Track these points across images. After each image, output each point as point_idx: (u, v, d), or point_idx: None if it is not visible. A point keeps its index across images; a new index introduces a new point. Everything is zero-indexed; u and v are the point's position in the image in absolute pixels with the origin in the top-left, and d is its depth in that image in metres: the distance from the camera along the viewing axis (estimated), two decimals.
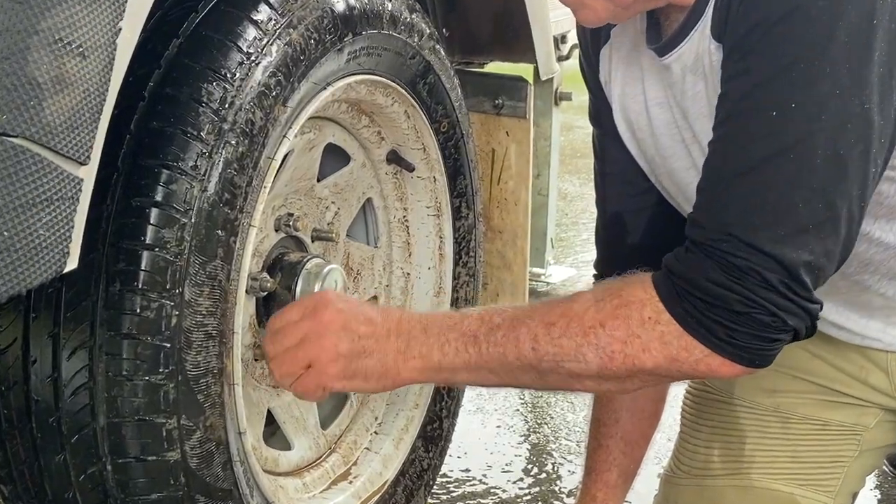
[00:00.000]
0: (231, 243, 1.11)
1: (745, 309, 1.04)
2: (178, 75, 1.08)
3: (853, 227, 1.08)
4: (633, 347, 1.10)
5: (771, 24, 1.04)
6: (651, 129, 1.28)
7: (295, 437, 1.42)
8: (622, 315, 1.11)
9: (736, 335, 1.06)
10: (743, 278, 1.04)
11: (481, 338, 1.16)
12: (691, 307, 1.07)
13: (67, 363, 1.06)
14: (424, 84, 1.44)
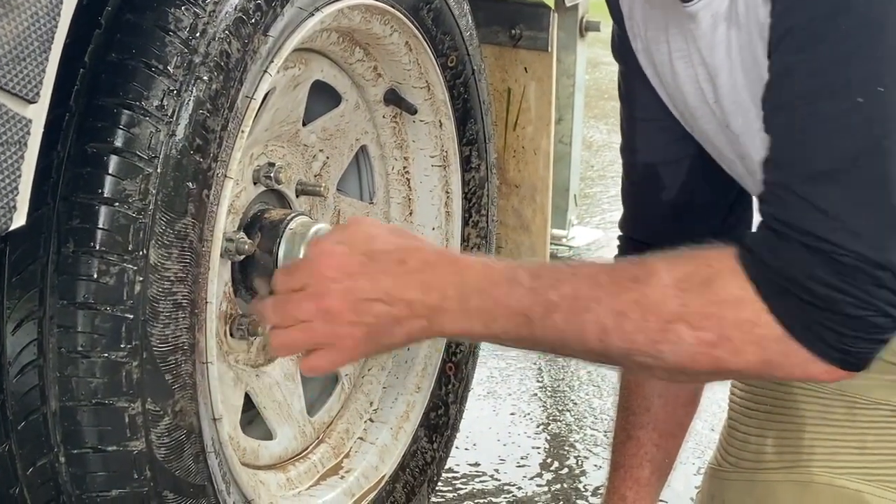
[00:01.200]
0: (203, 198, 1.11)
1: (860, 312, 1.05)
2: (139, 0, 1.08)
3: None
4: (723, 350, 1.11)
5: None
6: (676, 83, 1.28)
7: (278, 425, 1.43)
8: (714, 315, 1.11)
9: (846, 340, 1.07)
10: (854, 277, 1.05)
11: (536, 320, 1.15)
12: (798, 310, 1.08)
13: (13, 337, 1.06)
14: (429, 10, 1.43)
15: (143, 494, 1.10)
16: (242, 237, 1.29)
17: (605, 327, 1.12)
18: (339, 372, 1.53)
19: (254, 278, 1.34)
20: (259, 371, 1.40)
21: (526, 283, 1.17)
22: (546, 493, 1.85)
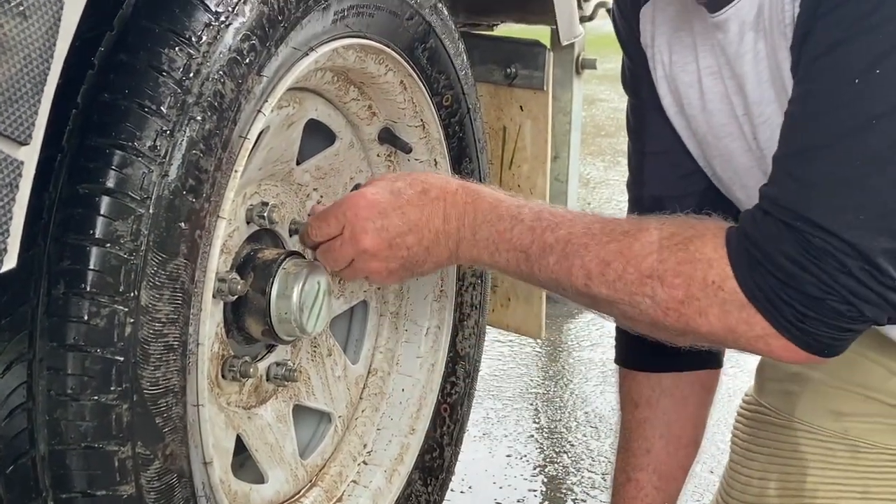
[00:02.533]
0: (196, 238, 1.11)
1: (821, 294, 1.07)
2: (134, 39, 1.08)
3: None
4: (690, 308, 1.14)
5: None
6: (703, 103, 1.30)
7: (269, 468, 1.42)
8: (685, 273, 1.15)
9: (806, 320, 1.09)
10: (821, 260, 1.07)
11: (533, 257, 1.24)
12: (762, 281, 1.10)
13: (2, 380, 1.06)
14: (424, 49, 1.44)
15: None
16: (235, 277, 1.29)
17: (590, 273, 1.19)
18: (333, 414, 1.53)
19: (246, 319, 1.33)
20: (251, 413, 1.40)
21: (528, 221, 1.25)
22: None
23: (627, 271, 1.17)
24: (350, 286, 1.52)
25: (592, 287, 1.19)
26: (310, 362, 1.48)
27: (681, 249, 1.15)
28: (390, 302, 1.60)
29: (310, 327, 1.34)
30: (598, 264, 1.19)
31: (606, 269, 1.18)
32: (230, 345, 1.34)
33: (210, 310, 1.19)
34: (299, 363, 1.45)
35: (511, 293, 1.87)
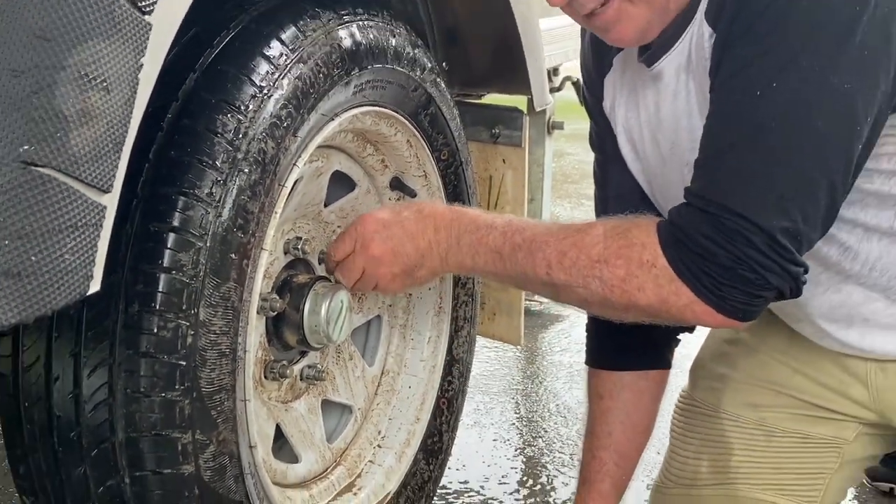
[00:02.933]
0: (244, 266, 1.11)
1: (732, 264, 1.08)
2: (195, 107, 1.08)
3: (836, 197, 1.12)
4: (630, 285, 1.14)
5: (760, 10, 1.07)
6: (651, 146, 1.31)
7: (302, 451, 1.42)
8: (624, 255, 1.15)
9: (721, 287, 1.09)
10: (732, 237, 1.07)
11: (505, 256, 1.23)
12: (685, 256, 1.11)
13: (88, 380, 1.05)
14: (426, 115, 1.44)
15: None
16: (275, 297, 1.29)
17: (550, 263, 1.18)
18: (353, 407, 1.52)
19: (284, 331, 1.33)
20: (287, 406, 1.39)
21: (500, 228, 1.24)
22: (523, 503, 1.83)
23: (580, 258, 1.17)
24: (367, 304, 1.52)
25: (553, 275, 1.19)
26: (335, 365, 1.48)
27: (621, 237, 1.16)
28: (399, 316, 1.59)
29: (335, 337, 1.34)
30: (556, 255, 1.18)
31: (563, 258, 1.18)
32: (271, 351, 1.34)
33: (255, 323, 1.20)
34: (326, 366, 1.45)
35: (496, 309, 1.87)
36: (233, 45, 1.13)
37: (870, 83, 1.07)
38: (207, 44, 1.13)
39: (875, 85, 1.07)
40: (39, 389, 1.08)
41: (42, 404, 1.08)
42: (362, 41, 1.27)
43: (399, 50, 1.35)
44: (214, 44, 1.13)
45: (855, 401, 1.38)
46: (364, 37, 1.27)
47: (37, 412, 1.08)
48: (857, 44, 1.04)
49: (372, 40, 1.29)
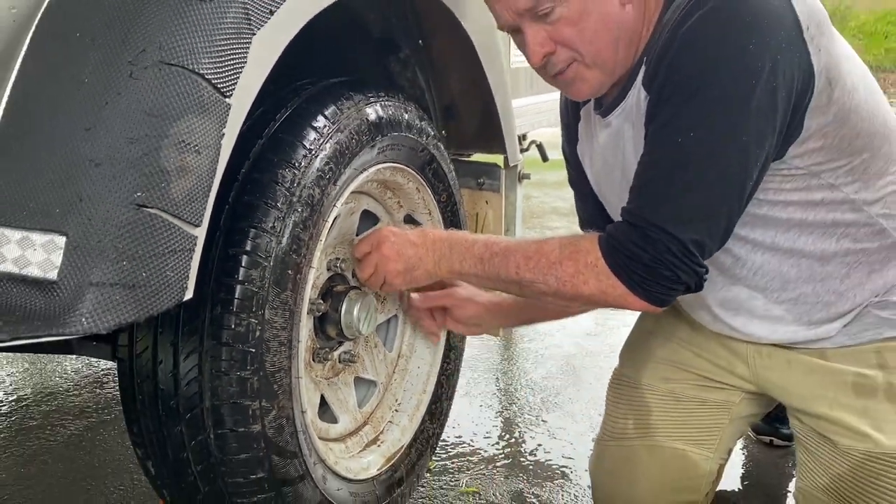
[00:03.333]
0: (297, 279, 1.12)
1: (653, 265, 1.08)
2: (262, 164, 1.09)
3: (732, 219, 1.12)
4: (578, 280, 1.14)
5: (681, 80, 1.07)
6: (603, 177, 1.32)
7: (340, 414, 1.42)
8: (574, 258, 1.14)
9: (645, 283, 1.10)
10: (654, 245, 1.07)
11: (485, 261, 1.23)
12: (619, 259, 1.11)
13: (184, 363, 1.06)
14: (430, 169, 1.45)
15: (259, 457, 1.10)
16: (320, 302, 1.30)
17: (519, 265, 1.18)
18: (377, 381, 1.51)
19: (326, 326, 1.33)
20: (329, 381, 1.39)
21: (482, 241, 1.25)
22: (502, 454, 1.83)
23: (541, 261, 1.17)
24: (387, 306, 1.52)
25: (521, 274, 1.19)
26: (364, 351, 1.48)
27: (572, 246, 1.16)
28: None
29: (364, 331, 1.34)
30: (523, 260, 1.18)
31: (528, 261, 1.18)
32: (317, 341, 1.34)
33: (305, 321, 1.20)
34: (358, 351, 1.45)
35: None
36: (289, 119, 1.14)
37: (761, 137, 1.07)
38: (271, 118, 1.14)
39: (764, 138, 1.07)
40: (148, 370, 1.08)
41: (150, 381, 1.09)
42: (383, 116, 1.28)
43: (410, 122, 1.36)
44: (276, 118, 1.14)
45: (739, 375, 1.38)
46: (385, 112, 1.28)
47: (146, 386, 1.09)
48: (752, 109, 1.04)
49: (390, 115, 1.30)
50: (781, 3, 1.06)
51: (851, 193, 1.17)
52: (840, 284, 1.23)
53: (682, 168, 1.07)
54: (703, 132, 1.05)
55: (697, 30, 1.05)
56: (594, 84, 1.18)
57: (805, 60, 1.06)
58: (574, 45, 1.13)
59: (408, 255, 1.28)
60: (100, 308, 0.81)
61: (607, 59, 1.15)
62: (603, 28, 1.12)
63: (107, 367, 2.27)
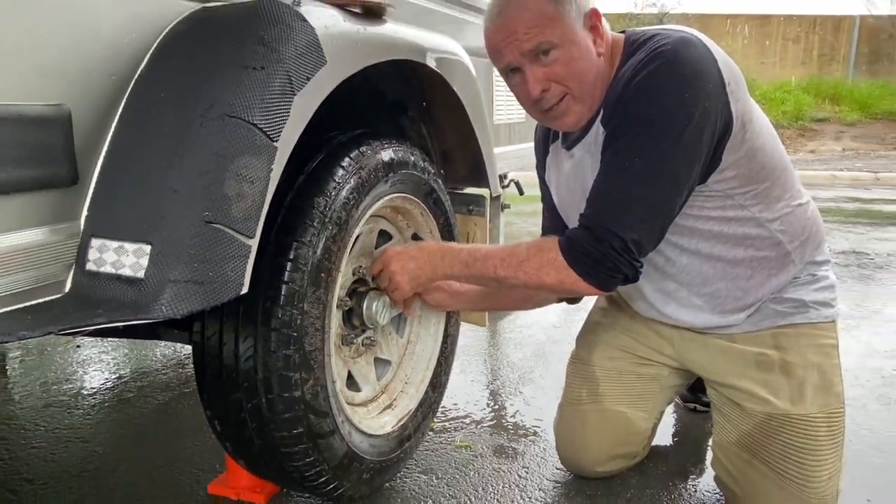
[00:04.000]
0: (329, 281, 1.12)
1: (601, 259, 1.07)
2: (302, 193, 1.09)
3: (665, 226, 1.11)
4: (542, 272, 1.13)
5: (632, 119, 1.07)
6: (567, 196, 1.32)
7: (362, 385, 1.41)
8: (538, 258, 1.13)
9: (594, 273, 1.09)
10: (601, 244, 1.07)
11: (470, 265, 1.21)
12: (575, 255, 1.10)
13: (242, 344, 1.06)
14: (431, 198, 1.45)
15: (299, 416, 1.09)
16: (347, 299, 1.30)
17: (496, 266, 1.16)
18: (392, 361, 1.50)
19: (352, 317, 1.33)
20: (355, 360, 1.39)
21: (467, 250, 1.22)
22: (489, 418, 1.80)
23: (513, 262, 1.15)
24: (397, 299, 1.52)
25: (497, 272, 1.17)
26: (381, 337, 1.47)
27: (536, 248, 1.15)
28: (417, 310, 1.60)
29: (381, 322, 1.34)
30: (499, 262, 1.17)
31: (503, 262, 1.17)
32: (344, 329, 1.33)
33: (335, 313, 1.20)
34: (377, 338, 1.44)
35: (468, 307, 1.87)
36: (324, 160, 1.15)
37: (689, 165, 1.07)
38: (309, 158, 1.14)
39: (692, 167, 1.07)
40: (215, 350, 1.08)
41: (216, 359, 1.08)
42: (395, 158, 1.28)
43: (416, 163, 1.36)
44: (314, 159, 1.14)
45: (667, 355, 1.38)
46: (396, 155, 1.28)
47: (214, 363, 1.09)
48: (683, 143, 1.04)
49: (400, 157, 1.30)
50: (710, 64, 1.06)
51: (756, 213, 1.17)
52: (746, 283, 1.23)
53: (627, 186, 1.07)
54: (646, 159, 1.05)
55: (647, 82, 1.05)
56: (579, 115, 1.17)
57: (726, 109, 1.07)
58: (566, 81, 1.12)
59: (410, 268, 1.27)
60: (176, 299, 0.81)
61: (589, 95, 1.15)
62: (587, 69, 1.12)
63: (185, 351, 2.27)
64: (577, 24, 1.10)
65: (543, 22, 1.07)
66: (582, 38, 1.10)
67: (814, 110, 9.94)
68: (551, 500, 1.40)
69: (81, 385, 1.99)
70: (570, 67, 1.10)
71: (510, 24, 1.10)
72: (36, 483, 1.46)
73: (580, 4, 1.10)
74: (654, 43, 1.08)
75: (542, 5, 1.08)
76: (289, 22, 0.96)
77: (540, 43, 1.08)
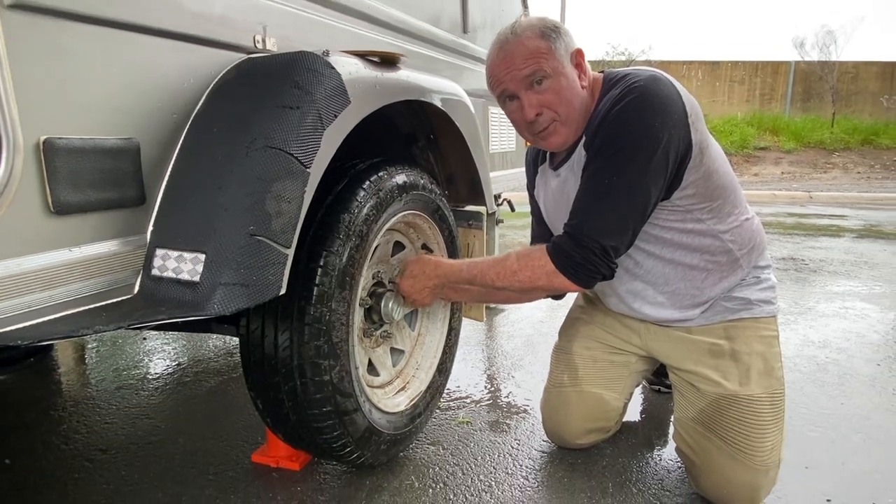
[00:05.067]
0: (353, 284, 1.12)
1: (583, 262, 1.07)
2: (331, 211, 1.09)
3: (635, 234, 1.10)
4: (533, 277, 1.12)
5: (609, 144, 1.06)
6: (553, 210, 1.30)
7: (380, 371, 1.40)
8: (529, 266, 1.12)
9: (577, 272, 1.08)
10: (583, 249, 1.06)
11: (470, 279, 1.21)
12: (561, 258, 1.09)
13: (281, 336, 1.06)
14: (437, 215, 1.44)
15: (327, 396, 1.09)
16: (367, 298, 1.29)
17: (493, 279, 1.14)
18: (405, 350, 1.49)
19: (371, 314, 1.32)
20: (374, 349, 1.38)
21: (466, 264, 1.20)
22: (486, 398, 1.78)
23: (507, 273, 1.14)
24: None
25: (495, 283, 1.16)
26: (396, 330, 1.47)
27: (526, 256, 1.13)
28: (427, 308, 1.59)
29: (396, 318, 1.33)
30: (495, 275, 1.16)
31: (498, 275, 1.16)
32: (365, 323, 1.33)
33: (357, 310, 1.19)
34: (392, 330, 1.43)
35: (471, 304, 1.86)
36: (348, 183, 1.15)
37: (656, 183, 1.06)
38: (336, 182, 1.14)
39: (658, 184, 1.07)
40: (258, 341, 1.08)
41: (259, 348, 1.08)
42: (407, 181, 1.28)
43: (425, 185, 1.36)
44: (339, 182, 1.15)
45: (635, 345, 1.37)
46: (408, 178, 1.28)
47: (257, 352, 1.09)
48: (652, 164, 1.04)
49: (412, 180, 1.30)
50: (676, 98, 1.06)
51: (711, 225, 1.17)
52: (701, 284, 1.23)
53: (605, 199, 1.06)
54: (620, 177, 1.05)
55: (622, 113, 1.05)
56: (565, 137, 1.16)
57: (687, 136, 1.07)
58: (555, 107, 1.12)
59: (420, 287, 1.27)
60: (226, 298, 0.81)
61: (575, 120, 1.14)
62: (573, 98, 1.12)
63: (233, 342, 2.27)
64: (566, 60, 1.10)
65: (538, 55, 1.07)
66: (569, 72, 1.10)
67: (756, 140, 9.93)
68: (538, 468, 1.39)
69: (147, 371, 2.00)
70: (559, 96, 1.10)
71: (510, 56, 1.09)
72: (109, 453, 1.46)
73: (568, 44, 1.10)
74: (628, 80, 1.08)
75: (536, 42, 1.08)
76: (319, 69, 0.97)
77: (535, 72, 1.08)
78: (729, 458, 1.20)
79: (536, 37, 1.07)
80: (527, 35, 1.08)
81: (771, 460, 1.19)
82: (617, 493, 1.28)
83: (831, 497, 1.27)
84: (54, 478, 1.34)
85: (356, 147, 1.20)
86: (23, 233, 0.72)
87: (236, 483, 1.31)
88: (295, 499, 1.25)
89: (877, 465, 1.39)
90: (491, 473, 1.37)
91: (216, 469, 1.37)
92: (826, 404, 1.68)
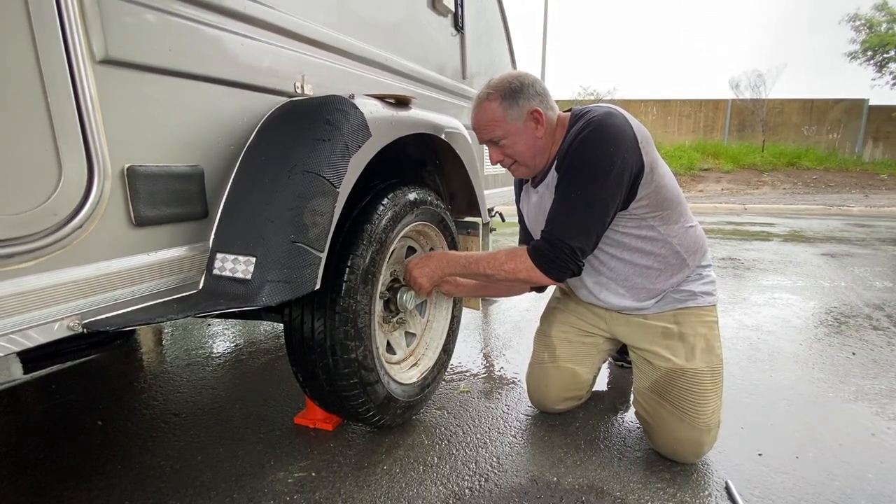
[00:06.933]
0: (374, 280, 1.11)
1: (555, 259, 1.06)
2: (357, 223, 1.09)
3: (598, 238, 1.09)
4: (516, 270, 1.11)
5: (574, 167, 1.06)
6: (535, 215, 1.29)
7: (396, 350, 1.39)
8: (514, 260, 1.12)
9: (551, 269, 1.07)
10: (555, 250, 1.05)
11: (466, 267, 1.20)
12: (538, 257, 1.08)
13: (316, 322, 1.06)
14: (442, 224, 1.43)
15: (354, 371, 1.08)
16: (385, 291, 1.28)
17: (485, 267, 1.13)
18: (417, 334, 1.48)
19: (389, 304, 1.32)
20: (391, 333, 1.37)
21: (463, 255, 1.18)
22: (483, 372, 1.76)
23: (496, 264, 1.14)
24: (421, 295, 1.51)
25: (486, 271, 1.16)
26: (410, 317, 1.46)
27: (511, 254, 1.13)
28: (434, 299, 1.58)
29: (409, 307, 1.32)
30: (486, 265, 1.15)
31: (489, 265, 1.15)
32: (384, 312, 1.32)
33: (378, 301, 1.19)
34: (406, 318, 1.42)
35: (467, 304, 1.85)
36: (370, 200, 1.15)
37: (614, 197, 1.06)
38: (360, 199, 1.14)
39: (616, 198, 1.07)
40: (298, 327, 1.08)
41: (299, 333, 1.08)
42: (418, 198, 1.27)
43: (432, 201, 1.35)
44: (363, 199, 1.14)
45: (601, 329, 1.36)
46: (418, 195, 1.28)
47: (297, 335, 1.08)
48: (609, 182, 1.04)
49: (422, 197, 1.29)
50: (627, 128, 1.07)
51: (662, 232, 1.17)
52: (655, 279, 1.23)
53: (572, 211, 1.07)
54: (585, 192, 1.05)
55: (584, 142, 1.06)
56: (526, 173, 1.19)
57: (639, 159, 1.07)
58: (513, 156, 1.16)
59: (426, 273, 1.27)
60: (272, 292, 0.82)
61: (530, 163, 1.17)
62: (527, 150, 1.15)
63: (279, 328, 2.27)
64: (520, 121, 1.10)
65: (494, 123, 1.10)
66: (524, 130, 1.10)
67: (701, 163, 9.92)
68: (524, 428, 1.39)
69: (211, 351, 2.00)
70: (514, 150, 1.13)
71: (477, 120, 1.14)
72: (180, 416, 1.46)
73: (523, 106, 1.10)
74: (588, 115, 1.10)
75: (493, 111, 1.10)
76: (346, 109, 0.99)
77: (492, 136, 1.12)
78: (677, 419, 1.19)
79: (496, 103, 1.09)
80: (491, 98, 1.10)
81: (712, 422, 1.19)
82: (588, 448, 1.28)
83: (762, 452, 1.27)
84: (137, 436, 1.35)
85: (376, 170, 1.22)
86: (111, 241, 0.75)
87: (282, 440, 1.32)
88: (328, 453, 1.25)
89: (799, 426, 1.39)
90: (486, 433, 1.36)
91: (266, 429, 1.37)
92: (758, 376, 1.67)
